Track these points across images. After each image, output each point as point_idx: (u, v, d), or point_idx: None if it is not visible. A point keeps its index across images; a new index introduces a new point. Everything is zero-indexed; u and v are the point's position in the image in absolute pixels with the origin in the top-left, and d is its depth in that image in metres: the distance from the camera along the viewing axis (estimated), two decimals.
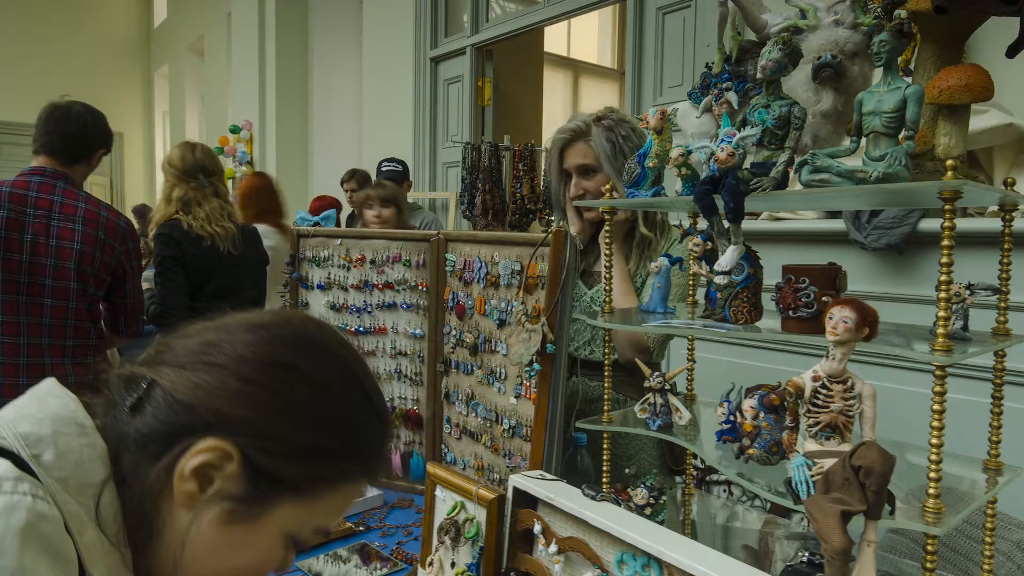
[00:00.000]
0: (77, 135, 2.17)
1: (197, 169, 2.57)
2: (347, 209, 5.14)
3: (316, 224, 2.92)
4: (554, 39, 7.58)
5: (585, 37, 8.43)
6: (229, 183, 7.64)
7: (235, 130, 7.50)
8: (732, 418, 0.94)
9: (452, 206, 5.10)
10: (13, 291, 2.00)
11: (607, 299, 1.15)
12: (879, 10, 0.92)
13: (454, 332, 1.57)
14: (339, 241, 1.77)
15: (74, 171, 2.18)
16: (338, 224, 5.06)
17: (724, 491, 1.87)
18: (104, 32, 12.18)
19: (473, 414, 1.51)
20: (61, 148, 2.15)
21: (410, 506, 1.59)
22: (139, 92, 12.62)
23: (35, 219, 2.03)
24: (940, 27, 1.10)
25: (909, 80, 0.83)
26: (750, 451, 0.88)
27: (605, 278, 1.16)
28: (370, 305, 1.73)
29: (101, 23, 12.13)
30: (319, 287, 1.79)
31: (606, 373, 1.16)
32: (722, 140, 0.89)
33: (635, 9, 3.61)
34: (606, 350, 1.16)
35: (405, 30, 5.48)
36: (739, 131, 0.90)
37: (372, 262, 1.72)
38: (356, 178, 5.00)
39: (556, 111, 7.69)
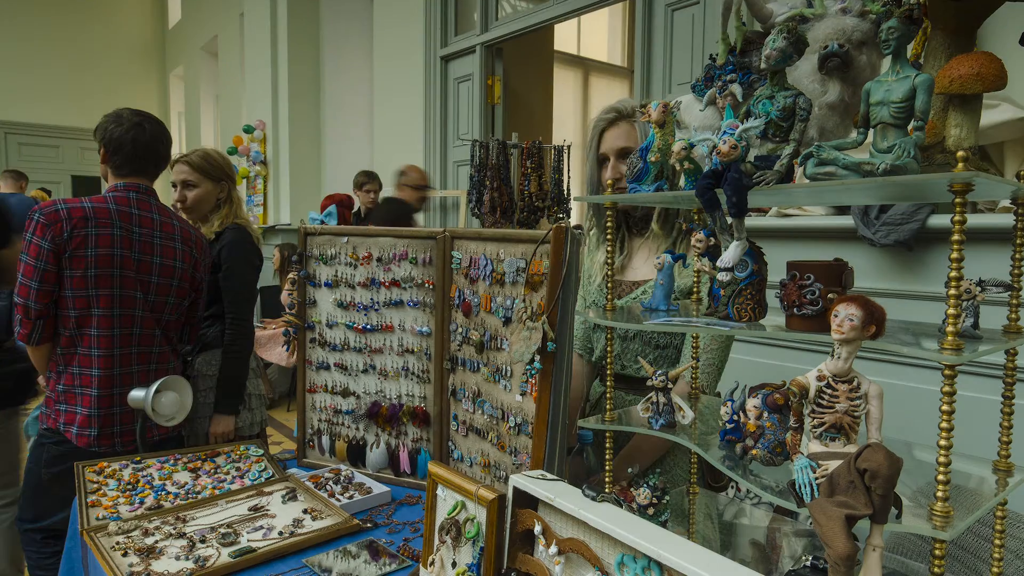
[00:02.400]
0: (166, 154, 2.17)
1: (223, 172, 2.56)
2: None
3: (321, 223, 2.93)
4: (564, 37, 7.55)
5: (595, 35, 8.39)
6: (243, 183, 7.71)
7: (249, 130, 7.57)
8: (736, 418, 0.93)
9: (462, 204, 5.10)
10: (130, 306, 2.01)
11: (608, 296, 1.14)
12: None
13: (460, 329, 1.57)
14: (346, 239, 1.77)
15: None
16: (347, 221, 5.18)
17: (731, 487, 1.84)
18: (120, 33, 12.31)
19: (480, 411, 1.50)
20: (155, 168, 2.13)
21: (417, 503, 1.58)
22: (155, 93, 12.75)
23: (140, 237, 2.02)
24: (951, 14, 1.07)
25: (918, 70, 0.81)
26: (753, 451, 0.87)
27: (607, 275, 1.14)
28: (377, 303, 1.73)
29: (117, 24, 12.27)
30: (326, 285, 1.78)
31: (608, 372, 1.15)
32: (724, 132, 0.87)
33: (644, 6, 3.58)
34: (608, 348, 1.15)
35: (415, 29, 5.49)
36: (742, 123, 0.88)
37: (379, 260, 1.72)
38: (376, 180, 5.25)
39: (566, 109, 7.67)
